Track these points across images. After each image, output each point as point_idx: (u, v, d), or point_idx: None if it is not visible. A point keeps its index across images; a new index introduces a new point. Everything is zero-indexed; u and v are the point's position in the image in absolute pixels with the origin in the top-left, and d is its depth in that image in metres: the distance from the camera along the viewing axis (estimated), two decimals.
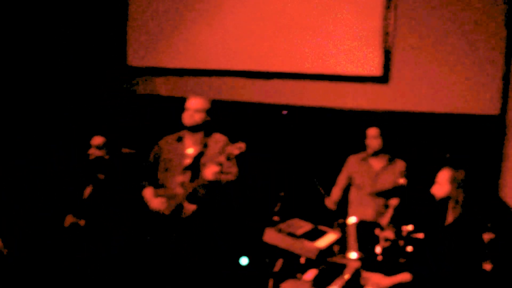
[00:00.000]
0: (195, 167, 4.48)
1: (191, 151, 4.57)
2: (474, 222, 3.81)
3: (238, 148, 4.34)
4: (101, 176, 4.83)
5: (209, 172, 4.32)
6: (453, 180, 3.74)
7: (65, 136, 6.40)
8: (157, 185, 4.64)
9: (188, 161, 4.55)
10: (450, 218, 3.70)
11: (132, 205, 4.76)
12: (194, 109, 4.62)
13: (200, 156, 4.52)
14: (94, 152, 4.82)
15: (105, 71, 6.93)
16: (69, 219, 4.67)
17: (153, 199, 4.55)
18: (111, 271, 4.63)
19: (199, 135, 4.64)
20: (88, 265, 4.58)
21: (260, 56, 6.34)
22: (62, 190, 5.04)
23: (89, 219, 4.65)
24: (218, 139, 4.64)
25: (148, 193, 4.62)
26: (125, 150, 5.16)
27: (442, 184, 3.74)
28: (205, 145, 4.57)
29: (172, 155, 4.65)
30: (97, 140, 4.85)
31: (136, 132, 6.37)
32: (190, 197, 4.42)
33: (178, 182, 4.47)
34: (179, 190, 4.44)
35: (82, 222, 4.63)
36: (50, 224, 4.84)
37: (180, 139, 4.70)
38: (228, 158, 4.32)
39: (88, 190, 4.85)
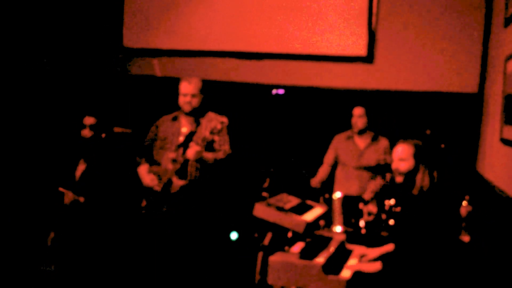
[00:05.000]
0: (187, 145, 4.52)
1: (184, 130, 4.64)
2: (452, 195, 3.89)
3: (220, 122, 4.39)
4: (95, 156, 4.93)
5: (191, 152, 4.39)
6: (415, 154, 3.71)
7: (60, 117, 6.44)
8: (154, 163, 4.73)
9: (181, 139, 4.62)
10: (416, 189, 3.71)
11: (127, 183, 4.89)
12: (191, 94, 4.65)
13: (193, 135, 4.56)
14: (86, 132, 4.87)
15: (101, 52, 6.96)
16: (69, 196, 4.79)
17: (146, 176, 4.65)
18: (106, 248, 4.79)
19: (194, 114, 4.69)
20: (86, 242, 4.72)
21: (251, 37, 6.47)
22: (59, 168, 5.15)
23: (88, 197, 4.77)
24: (211, 118, 4.61)
25: (142, 169, 4.73)
26: (117, 130, 5.21)
27: (407, 159, 3.71)
28: (198, 124, 4.59)
29: (167, 133, 4.72)
30: (89, 120, 4.88)
31: (131, 112, 6.45)
32: (180, 173, 4.51)
33: (170, 158, 4.56)
34: (170, 166, 4.53)
35: (81, 199, 4.76)
36: (50, 202, 4.96)
37: (175, 118, 4.76)
38: (212, 133, 4.35)
39: (80, 169, 4.92)
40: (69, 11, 6.86)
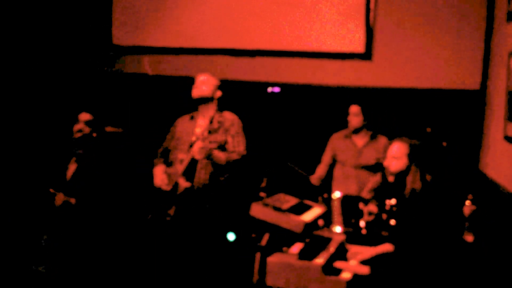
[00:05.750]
0: None
1: (198, 130, 4.59)
2: (455, 194, 3.88)
3: (218, 122, 4.39)
4: (87, 154, 4.84)
5: (195, 149, 4.37)
6: (409, 153, 3.74)
7: (50, 116, 6.40)
8: (170, 164, 4.72)
9: (193, 139, 4.57)
10: (407, 190, 3.73)
11: (119, 183, 4.82)
12: (201, 81, 4.70)
13: None
14: (82, 128, 4.81)
15: (91, 50, 6.91)
16: (60, 197, 4.71)
17: (158, 176, 4.64)
18: (98, 250, 4.71)
19: (210, 114, 4.66)
20: (79, 244, 4.64)
21: (244, 34, 6.39)
22: (49, 169, 5.07)
23: (79, 197, 4.69)
24: (225, 118, 4.64)
25: (158, 170, 4.71)
26: (109, 129, 5.17)
27: (400, 157, 3.73)
28: (212, 123, 4.55)
29: (182, 133, 4.71)
30: (85, 116, 4.84)
31: (122, 110, 6.39)
32: (187, 175, 4.48)
33: (179, 159, 4.54)
34: (179, 167, 4.50)
35: (72, 200, 4.68)
36: (40, 203, 4.89)
37: (192, 118, 4.75)
38: (210, 132, 4.34)
39: (71, 169, 4.86)
40: (58, 9, 6.81)
